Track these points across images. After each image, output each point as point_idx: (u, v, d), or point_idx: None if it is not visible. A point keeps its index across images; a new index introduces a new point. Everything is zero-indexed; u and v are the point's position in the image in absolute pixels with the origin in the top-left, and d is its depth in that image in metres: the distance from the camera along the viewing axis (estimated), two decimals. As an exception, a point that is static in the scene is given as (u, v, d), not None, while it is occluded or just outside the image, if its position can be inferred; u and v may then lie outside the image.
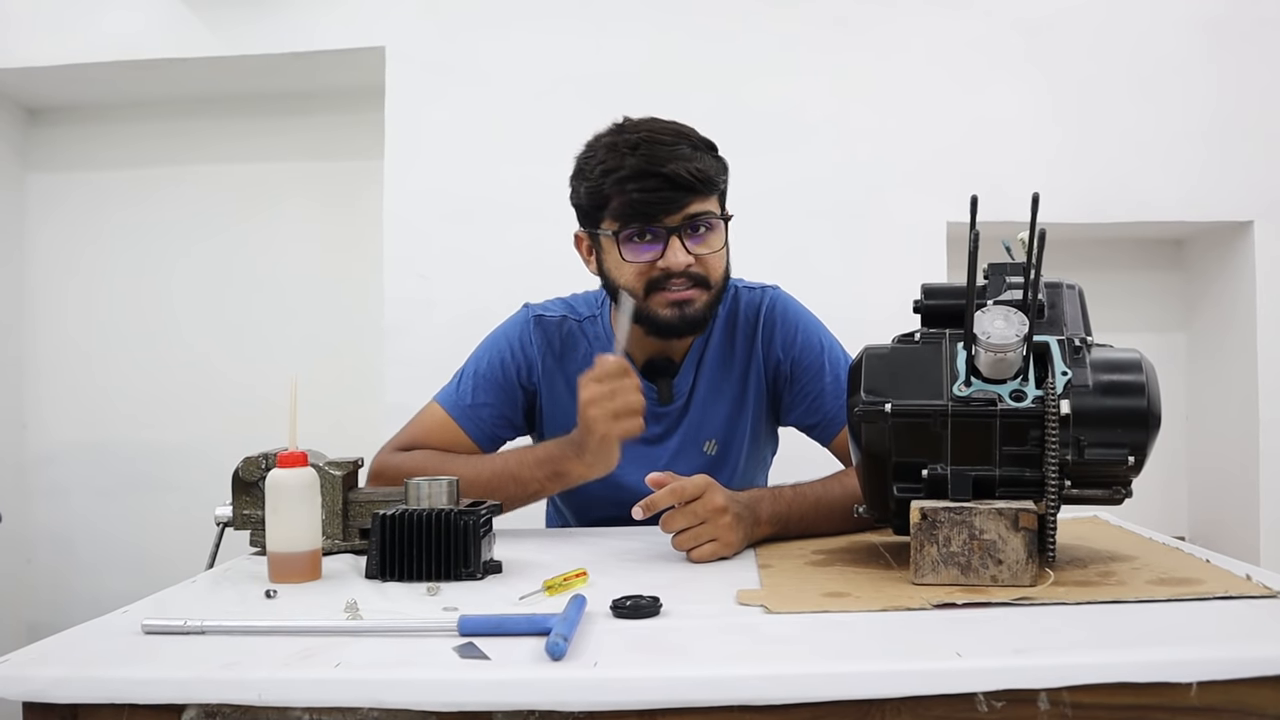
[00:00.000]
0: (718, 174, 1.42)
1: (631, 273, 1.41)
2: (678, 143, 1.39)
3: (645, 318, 1.42)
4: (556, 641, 0.81)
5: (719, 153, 1.46)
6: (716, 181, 1.41)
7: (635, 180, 1.36)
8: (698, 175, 1.36)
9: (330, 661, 0.81)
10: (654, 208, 1.36)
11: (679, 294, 1.40)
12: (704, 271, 1.41)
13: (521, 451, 1.40)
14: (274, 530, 1.12)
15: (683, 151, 1.37)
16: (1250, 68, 2.25)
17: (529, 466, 1.37)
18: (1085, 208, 2.25)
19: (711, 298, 1.43)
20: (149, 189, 2.69)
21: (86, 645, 0.89)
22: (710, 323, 1.47)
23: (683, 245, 1.38)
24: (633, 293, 1.41)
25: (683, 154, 1.37)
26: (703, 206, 1.39)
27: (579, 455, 1.32)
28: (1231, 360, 2.36)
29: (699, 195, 1.38)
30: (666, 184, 1.35)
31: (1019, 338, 1.03)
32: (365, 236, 2.51)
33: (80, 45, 2.36)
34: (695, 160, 1.38)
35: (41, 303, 2.71)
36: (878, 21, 2.29)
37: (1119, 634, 0.87)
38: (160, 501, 2.63)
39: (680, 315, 1.41)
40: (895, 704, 0.78)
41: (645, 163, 1.36)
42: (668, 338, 1.45)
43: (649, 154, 1.36)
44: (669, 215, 1.37)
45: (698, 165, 1.37)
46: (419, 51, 2.31)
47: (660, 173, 1.35)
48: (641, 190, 1.36)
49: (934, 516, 1.02)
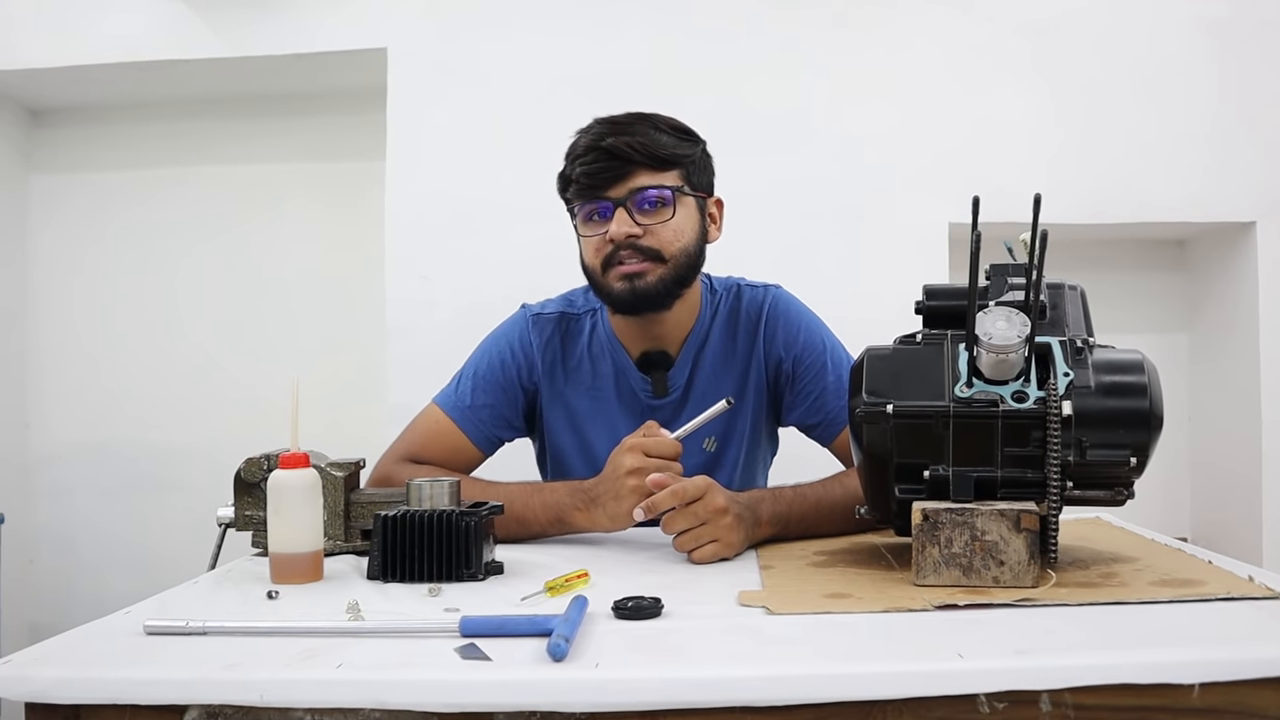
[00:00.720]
0: (673, 148, 1.42)
1: (589, 250, 1.44)
2: (634, 123, 1.42)
3: (604, 295, 1.46)
4: (558, 642, 0.81)
5: (691, 135, 1.48)
6: (669, 157, 1.42)
7: (582, 156, 1.41)
8: (640, 148, 1.39)
9: (332, 662, 0.81)
10: (596, 178, 1.40)
11: (629, 267, 1.41)
12: (656, 245, 1.41)
13: (529, 492, 1.37)
14: (276, 531, 1.12)
15: (634, 129, 1.41)
16: (1252, 69, 2.25)
17: (534, 510, 1.35)
18: (1087, 208, 2.25)
19: (667, 272, 1.42)
20: (151, 190, 2.69)
21: (89, 646, 0.89)
22: (671, 301, 1.46)
23: (630, 217, 1.40)
24: (593, 270, 1.45)
25: (633, 130, 1.41)
26: (652, 179, 1.41)
27: (588, 509, 1.32)
28: (1234, 361, 2.36)
29: (645, 168, 1.40)
30: (607, 156, 1.39)
31: (1021, 339, 1.03)
32: (367, 237, 2.51)
33: (83, 46, 2.36)
34: (643, 136, 1.40)
35: (44, 303, 2.71)
36: (879, 22, 2.29)
37: (1121, 635, 0.86)
38: (163, 502, 2.63)
39: (631, 288, 1.41)
40: (897, 705, 0.77)
41: (593, 140, 1.41)
42: (625, 313, 1.46)
43: (599, 131, 1.42)
44: (611, 188, 1.40)
45: (643, 140, 1.40)
46: (421, 53, 2.32)
47: (601, 146, 1.39)
48: (585, 164, 1.40)
49: (936, 517, 1.02)
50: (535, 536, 1.37)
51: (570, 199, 1.46)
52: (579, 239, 1.48)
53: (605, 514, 1.29)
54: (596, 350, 1.54)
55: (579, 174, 1.41)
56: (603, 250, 1.42)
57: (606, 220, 1.41)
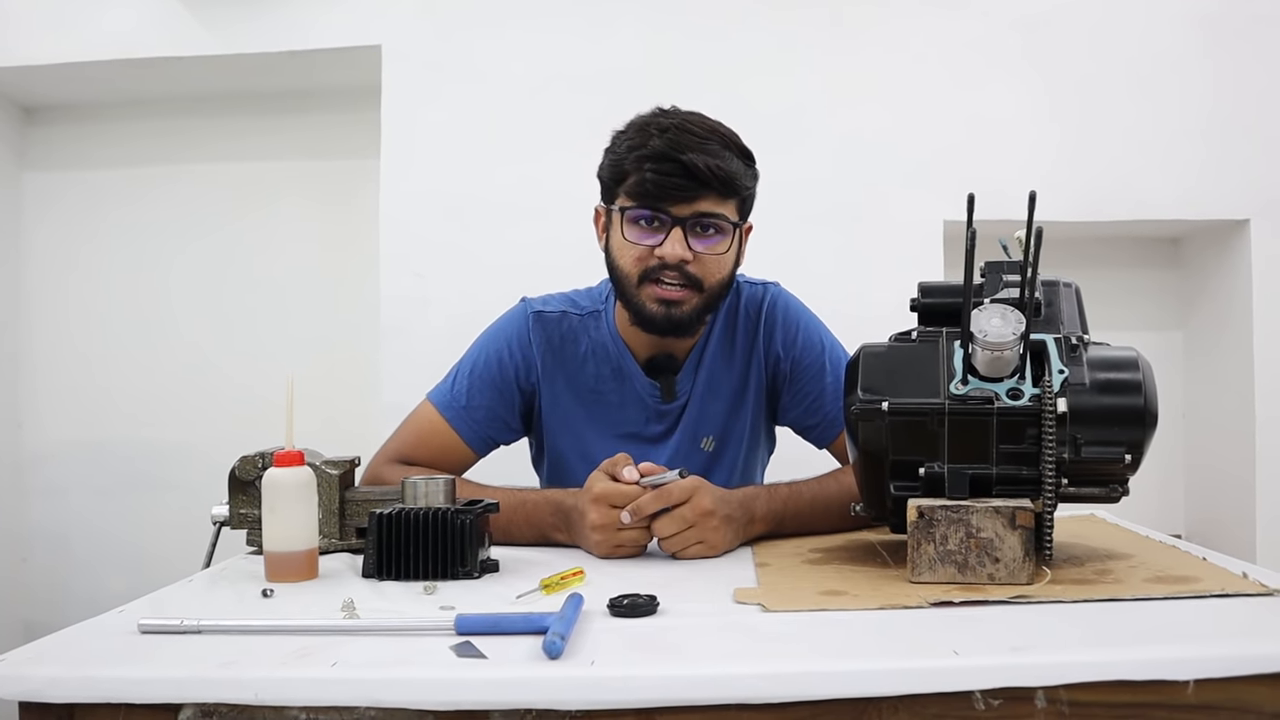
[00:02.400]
0: (741, 179, 1.39)
1: (631, 256, 1.39)
2: (708, 138, 1.36)
3: (632, 307, 1.41)
4: (554, 640, 0.81)
5: (754, 162, 1.44)
6: (737, 185, 1.38)
7: (654, 161, 1.34)
8: (716, 172, 1.34)
9: (327, 661, 0.81)
10: (665, 192, 1.34)
11: (669, 292, 1.38)
12: (700, 274, 1.38)
13: (513, 506, 1.34)
14: (271, 529, 1.12)
15: (711, 147, 1.35)
16: (1247, 66, 2.26)
17: (519, 524, 1.34)
18: (1082, 206, 2.25)
19: (703, 302, 1.40)
20: (145, 187, 2.68)
21: (83, 645, 0.89)
22: (699, 329, 1.46)
23: (684, 239, 1.36)
24: (626, 278, 1.40)
25: (710, 149, 1.35)
26: (716, 207, 1.37)
27: (568, 532, 1.30)
28: (1228, 358, 2.36)
29: (714, 193, 1.36)
30: (682, 171, 1.33)
31: (1016, 336, 1.03)
32: (361, 235, 2.51)
33: (76, 44, 2.35)
34: (720, 158, 1.35)
35: (38, 301, 2.70)
36: (875, 21, 2.29)
37: (1116, 632, 0.87)
38: (157, 500, 2.62)
39: (666, 314, 1.39)
40: (892, 702, 0.78)
41: (668, 146, 1.34)
42: (651, 333, 1.43)
43: (675, 140, 1.34)
44: (678, 205, 1.35)
45: (720, 163, 1.35)
46: (415, 50, 2.31)
47: (679, 159, 1.33)
48: (657, 172, 1.34)
49: (931, 515, 1.02)
50: (523, 546, 1.35)
51: (621, 193, 1.39)
52: (611, 233, 1.42)
53: (585, 546, 1.27)
54: (600, 353, 1.52)
55: (649, 180, 1.34)
56: (645, 261, 1.38)
57: (659, 233, 1.37)
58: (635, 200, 1.37)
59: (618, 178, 1.39)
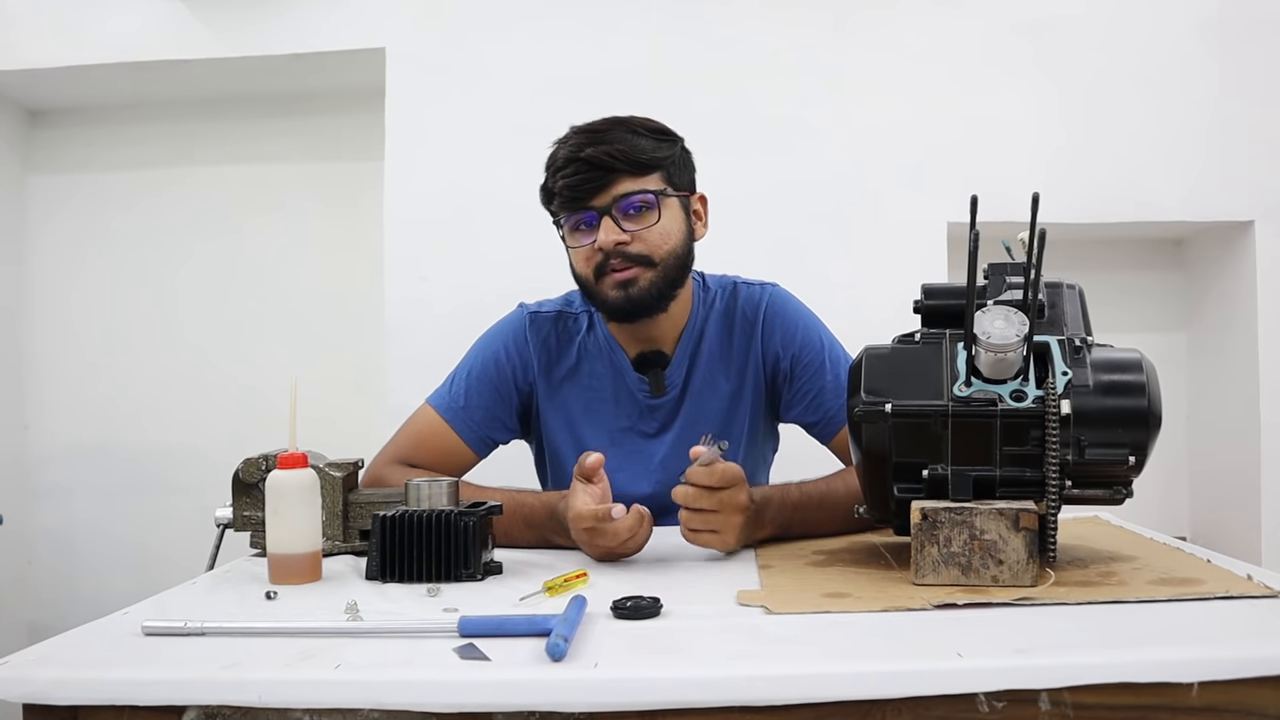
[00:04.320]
0: (649, 152, 1.42)
1: (580, 260, 1.45)
2: (609, 129, 1.42)
3: (598, 303, 1.47)
4: (557, 642, 0.81)
5: (670, 136, 1.47)
6: (648, 161, 1.41)
7: (562, 168, 1.41)
8: (619, 155, 1.39)
9: (330, 663, 0.81)
10: (578, 190, 1.40)
11: (621, 274, 1.42)
12: (644, 250, 1.42)
13: (512, 509, 1.34)
14: (274, 531, 1.12)
15: (611, 135, 1.41)
16: (1250, 67, 2.25)
17: (519, 526, 1.35)
18: (1085, 207, 2.25)
19: (659, 276, 1.43)
20: (150, 190, 2.69)
21: (87, 647, 0.89)
22: (665, 303, 1.46)
23: (615, 224, 1.40)
24: (586, 280, 1.45)
25: (610, 137, 1.40)
26: (634, 185, 1.41)
27: (564, 536, 1.30)
28: (1232, 360, 2.36)
29: (625, 174, 1.40)
30: (587, 166, 1.39)
31: (1019, 338, 1.03)
32: (366, 238, 2.51)
33: (82, 47, 2.36)
34: (621, 142, 1.40)
35: (43, 304, 2.71)
36: (877, 23, 2.29)
37: (1120, 634, 0.86)
38: (161, 502, 2.63)
39: (625, 296, 1.42)
40: (896, 704, 0.77)
41: (571, 150, 1.40)
42: (621, 320, 1.47)
43: (576, 143, 1.41)
44: (595, 197, 1.40)
45: (622, 146, 1.39)
46: (420, 53, 2.31)
47: (581, 157, 1.39)
48: (567, 176, 1.40)
49: (934, 517, 1.02)
50: (524, 549, 1.35)
51: (555, 211, 1.46)
52: (568, 250, 1.48)
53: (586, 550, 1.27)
54: (594, 350, 1.54)
55: (561, 186, 1.41)
56: (593, 259, 1.43)
57: (593, 229, 1.42)
58: (564, 209, 1.43)
59: (548, 198, 1.46)
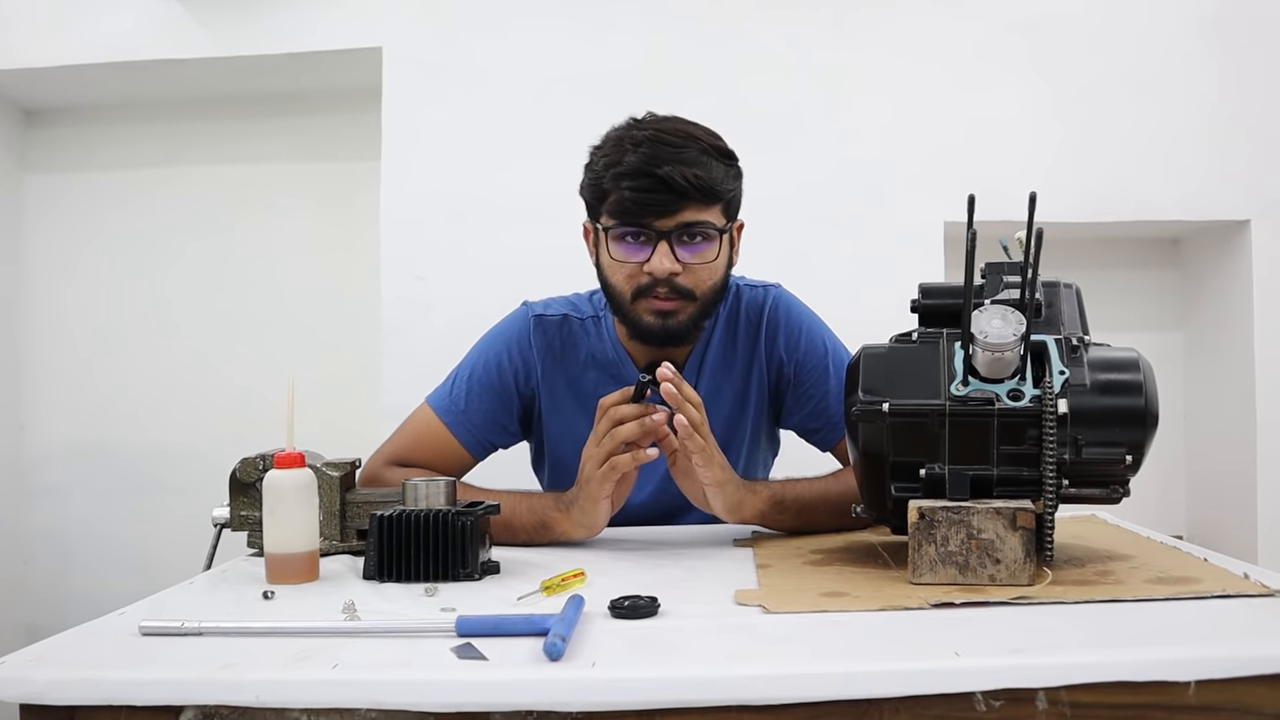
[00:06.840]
0: (723, 183, 1.36)
1: (621, 274, 1.38)
2: (685, 145, 1.33)
3: (629, 322, 1.41)
4: (554, 642, 0.81)
5: (735, 161, 1.41)
6: (719, 191, 1.35)
7: (631, 178, 1.32)
8: (694, 181, 1.31)
9: (328, 662, 0.81)
10: (646, 209, 1.32)
11: (663, 304, 1.37)
12: (690, 284, 1.37)
13: (516, 499, 1.36)
14: (271, 531, 1.12)
15: (687, 155, 1.32)
16: (1248, 67, 2.26)
17: (521, 515, 1.34)
18: (1082, 207, 2.25)
19: (697, 310, 1.39)
20: (146, 190, 2.68)
21: (84, 647, 0.89)
22: (698, 335, 1.45)
23: (671, 251, 1.34)
24: (620, 295, 1.39)
25: (686, 157, 1.32)
26: (699, 215, 1.34)
27: (566, 511, 1.31)
28: (1229, 359, 2.36)
29: (695, 203, 1.33)
30: (661, 186, 1.30)
31: (1016, 337, 1.03)
32: (362, 237, 2.51)
33: (76, 46, 2.35)
34: (698, 165, 1.32)
35: (39, 304, 2.70)
36: (875, 22, 2.29)
37: (1117, 633, 0.87)
38: (158, 502, 2.62)
39: (663, 326, 1.38)
40: (893, 703, 0.77)
41: (643, 161, 1.31)
42: (649, 345, 1.43)
43: (650, 153, 1.31)
44: (660, 219, 1.33)
45: (698, 171, 1.31)
46: (416, 52, 2.31)
47: (655, 174, 1.30)
48: (635, 189, 1.31)
49: (932, 516, 1.02)
50: (522, 543, 1.35)
51: (603, 212, 1.37)
52: (599, 253, 1.42)
53: (578, 513, 1.29)
54: (601, 358, 1.51)
55: (628, 198, 1.32)
56: (636, 279, 1.36)
57: (642, 246, 1.35)
58: (618, 218, 1.35)
59: (598, 196, 1.38)
